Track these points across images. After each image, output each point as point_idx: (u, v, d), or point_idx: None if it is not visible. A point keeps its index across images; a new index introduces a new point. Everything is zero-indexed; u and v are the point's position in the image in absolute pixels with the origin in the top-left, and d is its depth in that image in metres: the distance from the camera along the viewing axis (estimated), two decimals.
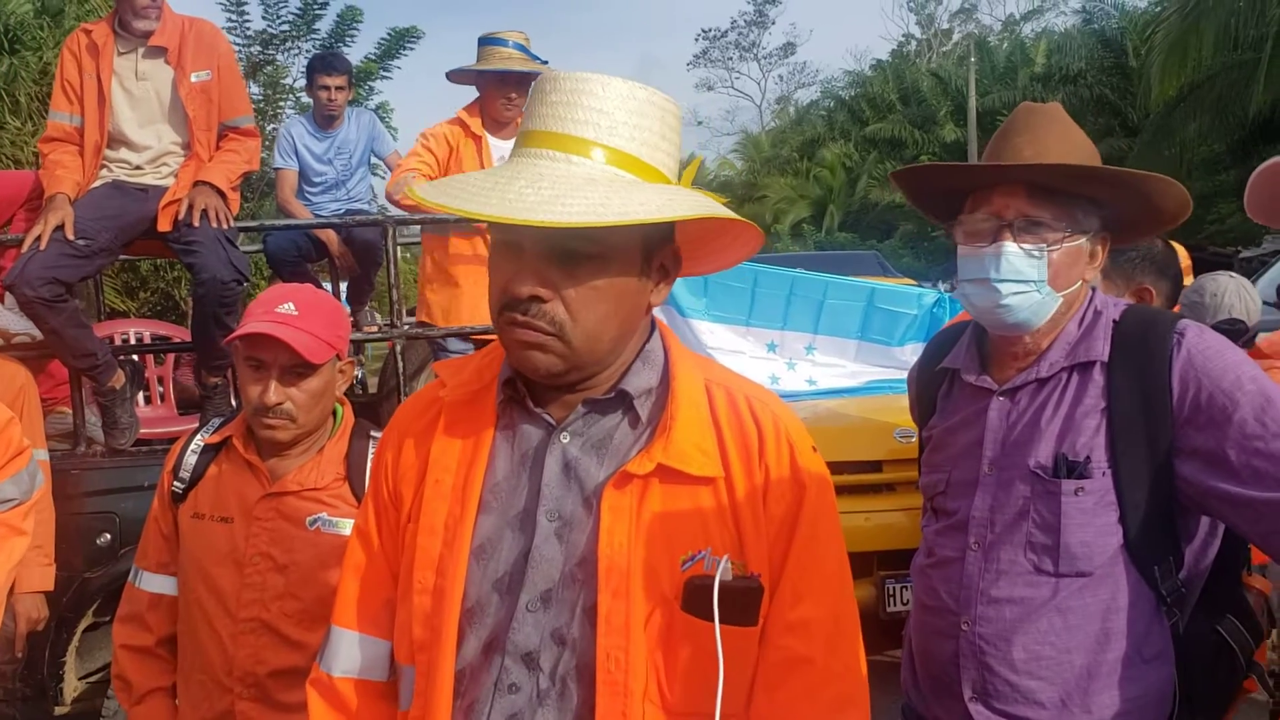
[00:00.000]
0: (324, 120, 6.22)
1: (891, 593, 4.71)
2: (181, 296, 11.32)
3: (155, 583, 2.50)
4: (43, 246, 3.84)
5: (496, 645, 1.44)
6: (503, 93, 4.94)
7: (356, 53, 14.13)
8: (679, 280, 5.77)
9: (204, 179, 4.20)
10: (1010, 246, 1.98)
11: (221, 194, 4.20)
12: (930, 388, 2.29)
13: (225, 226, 4.14)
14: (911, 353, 5.92)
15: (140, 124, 4.29)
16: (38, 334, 4.10)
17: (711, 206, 1.40)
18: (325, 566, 2.31)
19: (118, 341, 5.70)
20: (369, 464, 2.38)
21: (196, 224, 4.07)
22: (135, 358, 4.82)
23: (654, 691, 1.41)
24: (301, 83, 15.52)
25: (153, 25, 4.19)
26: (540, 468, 1.47)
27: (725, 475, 1.46)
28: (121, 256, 4.76)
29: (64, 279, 3.88)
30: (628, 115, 1.39)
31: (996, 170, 2.02)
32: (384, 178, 7.19)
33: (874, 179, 32.44)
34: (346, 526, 2.34)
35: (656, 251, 1.47)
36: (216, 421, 2.57)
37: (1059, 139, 2.02)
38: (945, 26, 50.75)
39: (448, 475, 1.50)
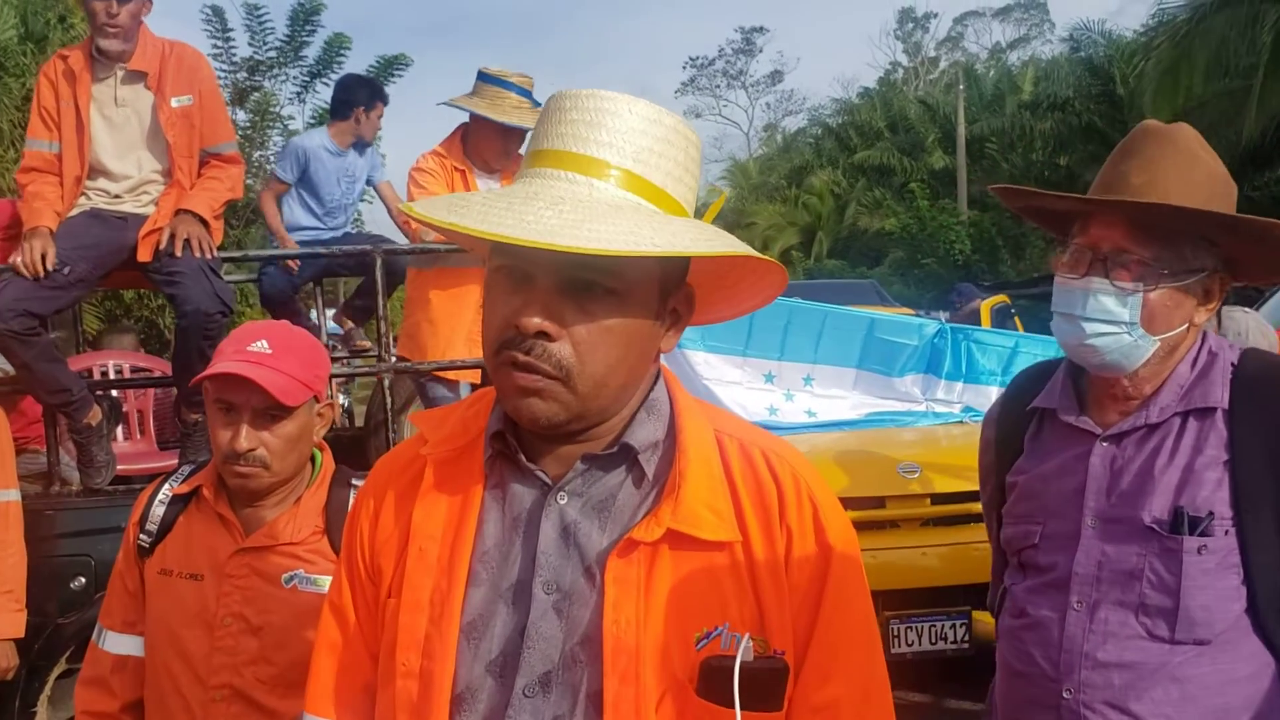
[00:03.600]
0: (359, 145, 6.10)
1: (896, 634, 4.59)
2: (166, 325, 11.20)
3: (121, 643, 2.33)
4: (30, 273, 3.72)
5: None
6: (504, 145, 4.77)
7: None
8: None
9: (186, 207, 4.05)
10: (1100, 283, 1.83)
11: (204, 223, 4.06)
12: (1016, 429, 2.10)
13: (209, 256, 4.00)
14: (912, 384, 5.83)
15: (120, 153, 4.15)
16: (10, 369, 3.96)
17: (745, 247, 1.26)
18: (303, 628, 2.14)
19: (97, 374, 5.55)
20: None
21: (179, 254, 3.93)
22: (114, 392, 4.68)
23: None
24: (289, 110, 15.59)
25: (116, 45, 4.04)
26: (535, 533, 1.30)
27: (743, 539, 1.30)
28: (100, 288, 4.62)
29: (36, 311, 3.75)
30: (652, 142, 1.26)
31: (1087, 202, 1.87)
32: (370, 202, 7.04)
33: (862, 206, 32.51)
34: (326, 583, 2.16)
35: (672, 293, 1.32)
36: (186, 469, 2.41)
37: (1175, 169, 1.84)
38: (932, 55, 51.25)
39: (432, 544, 1.34)
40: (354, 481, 2.32)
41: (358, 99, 6.00)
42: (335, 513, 2.26)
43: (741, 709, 1.23)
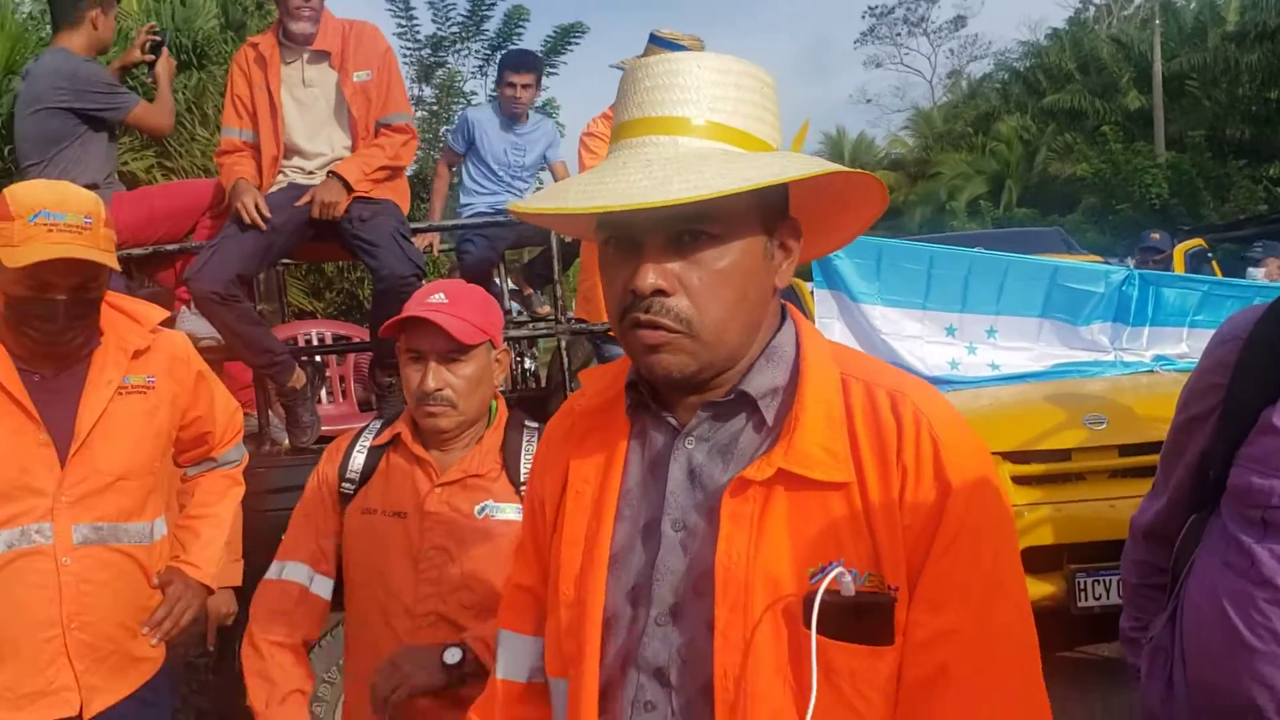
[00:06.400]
0: (509, 116, 6.34)
1: (1083, 587, 4.48)
2: (365, 295, 11.68)
3: (304, 576, 2.50)
4: (251, 224, 4.07)
5: (630, 659, 1.38)
6: None
7: None
8: (850, 263, 5.49)
9: (336, 170, 4.25)
10: None
11: (348, 186, 4.23)
12: None
13: (334, 216, 4.21)
14: (1099, 332, 5.63)
15: (311, 132, 4.40)
16: (220, 338, 4.25)
17: (824, 163, 1.30)
18: (496, 554, 2.33)
19: (300, 343, 5.89)
20: (523, 454, 2.45)
21: (316, 215, 4.18)
22: (318, 358, 4.96)
23: (779, 715, 1.29)
24: (471, 85, 15.99)
25: (308, 28, 4.27)
26: (665, 474, 1.40)
27: (859, 479, 1.32)
28: (302, 261, 4.89)
29: (242, 272, 4.06)
30: (726, 90, 1.32)
31: None
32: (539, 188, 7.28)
33: (1053, 151, 31.18)
34: (510, 512, 2.39)
35: (777, 227, 1.38)
36: (378, 424, 2.60)
37: None
38: None
39: (587, 486, 1.47)
40: (527, 424, 2.53)
41: (498, 74, 6.35)
42: (511, 452, 2.47)
43: (850, 641, 1.27)
